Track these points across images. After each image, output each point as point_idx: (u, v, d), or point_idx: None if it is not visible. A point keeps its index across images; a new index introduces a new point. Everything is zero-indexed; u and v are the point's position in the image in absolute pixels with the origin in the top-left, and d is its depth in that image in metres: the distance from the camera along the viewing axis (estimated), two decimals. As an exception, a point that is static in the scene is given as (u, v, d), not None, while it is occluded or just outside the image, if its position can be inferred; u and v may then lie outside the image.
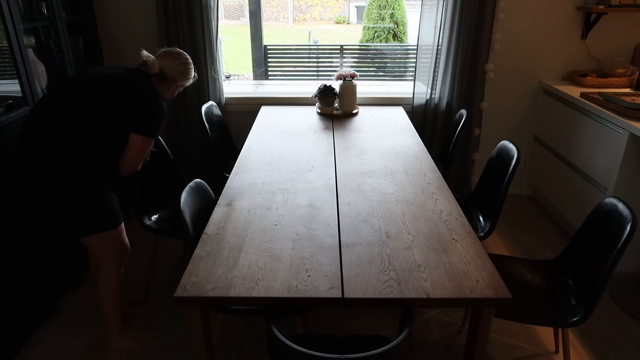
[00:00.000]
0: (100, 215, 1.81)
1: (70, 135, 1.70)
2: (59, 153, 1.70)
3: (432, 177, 2.06)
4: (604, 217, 1.66)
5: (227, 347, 2.07)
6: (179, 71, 1.94)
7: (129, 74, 1.83)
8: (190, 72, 1.99)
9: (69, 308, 2.30)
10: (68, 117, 1.71)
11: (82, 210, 1.77)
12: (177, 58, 1.95)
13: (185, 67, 1.97)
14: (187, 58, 1.98)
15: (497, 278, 1.39)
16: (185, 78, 1.98)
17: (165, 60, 1.90)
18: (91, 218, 1.80)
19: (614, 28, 3.08)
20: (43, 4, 2.39)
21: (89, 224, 1.80)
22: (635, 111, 2.32)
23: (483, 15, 2.89)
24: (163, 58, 1.91)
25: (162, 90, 1.93)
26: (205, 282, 1.37)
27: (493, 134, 3.36)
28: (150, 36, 3.06)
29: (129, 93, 1.78)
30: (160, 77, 1.91)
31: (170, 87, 1.97)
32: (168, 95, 2.00)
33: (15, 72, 2.11)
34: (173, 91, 2.01)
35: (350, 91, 2.90)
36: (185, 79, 1.98)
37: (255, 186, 1.98)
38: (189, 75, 2.00)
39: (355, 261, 1.47)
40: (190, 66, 1.99)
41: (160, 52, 1.95)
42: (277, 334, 1.19)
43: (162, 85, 1.93)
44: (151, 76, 1.88)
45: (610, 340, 2.12)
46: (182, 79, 1.97)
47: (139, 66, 1.89)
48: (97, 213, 1.80)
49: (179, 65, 1.95)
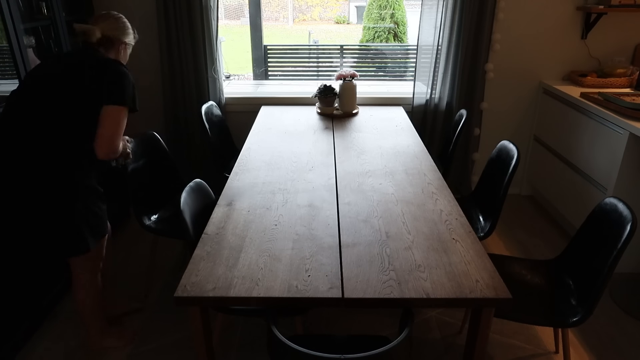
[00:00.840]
0: (86, 235, 1.76)
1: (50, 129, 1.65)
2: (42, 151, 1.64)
3: (432, 177, 2.06)
4: (604, 217, 1.66)
5: (227, 347, 2.07)
6: (117, 28, 1.86)
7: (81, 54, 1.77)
8: (127, 25, 1.92)
9: (69, 308, 2.30)
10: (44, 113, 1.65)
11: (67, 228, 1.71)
12: (108, 17, 1.87)
13: (121, 21, 1.89)
14: (117, 14, 1.91)
15: (497, 278, 1.39)
16: (126, 33, 1.90)
17: (100, 24, 1.82)
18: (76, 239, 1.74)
19: (614, 28, 3.08)
20: (43, 4, 2.40)
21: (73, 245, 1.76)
22: (635, 111, 2.32)
23: (483, 15, 2.89)
24: (96, 23, 1.82)
25: (114, 55, 1.86)
26: (205, 282, 1.37)
27: (493, 134, 3.36)
28: (150, 36, 3.06)
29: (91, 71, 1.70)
30: (105, 43, 1.82)
31: (118, 50, 1.88)
32: (123, 59, 1.93)
33: (15, 72, 2.11)
34: (124, 54, 1.93)
35: (350, 91, 2.90)
36: (126, 35, 1.90)
37: (255, 186, 1.97)
38: (128, 29, 1.92)
39: (355, 261, 1.47)
40: (124, 19, 1.92)
41: (90, 20, 1.87)
42: (277, 334, 1.19)
43: (112, 52, 1.85)
44: (97, 48, 1.81)
45: (610, 340, 2.12)
46: (123, 35, 1.88)
47: (80, 42, 1.81)
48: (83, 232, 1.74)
49: (114, 22, 1.86)
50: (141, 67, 3.16)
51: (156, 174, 2.37)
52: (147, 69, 3.16)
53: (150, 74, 3.16)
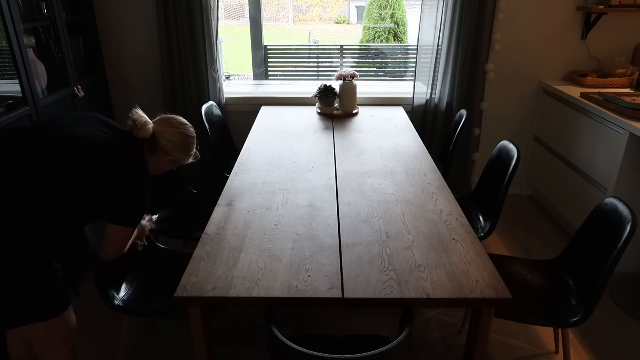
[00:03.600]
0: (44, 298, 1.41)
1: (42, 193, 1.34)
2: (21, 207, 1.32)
3: (432, 177, 2.06)
4: (604, 217, 1.66)
5: (227, 347, 2.07)
6: (176, 143, 1.57)
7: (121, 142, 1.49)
8: (191, 147, 1.63)
9: (69, 308, 2.30)
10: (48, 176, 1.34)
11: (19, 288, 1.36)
12: (179, 127, 1.58)
13: (186, 139, 1.60)
14: (190, 130, 1.63)
15: (497, 278, 1.39)
16: (182, 153, 1.61)
17: (163, 127, 1.55)
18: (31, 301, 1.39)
19: (614, 28, 3.08)
20: (43, 4, 2.40)
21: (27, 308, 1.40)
22: (635, 111, 2.32)
23: (483, 15, 2.89)
24: (160, 123, 1.56)
25: (150, 163, 1.55)
26: (205, 282, 1.37)
27: (493, 134, 3.36)
28: (150, 36, 3.06)
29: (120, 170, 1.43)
30: (150, 145, 1.54)
31: (160, 160, 1.58)
32: (157, 170, 1.61)
33: (15, 72, 2.11)
34: (163, 166, 1.62)
35: (350, 91, 2.90)
36: (182, 155, 1.61)
37: (255, 186, 1.97)
38: (189, 151, 1.63)
39: (355, 261, 1.47)
40: (193, 140, 1.64)
41: (160, 116, 1.61)
42: (277, 334, 1.19)
43: (152, 157, 1.56)
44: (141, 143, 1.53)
45: (610, 340, 2.12)
46: (178, 153, 1.59)
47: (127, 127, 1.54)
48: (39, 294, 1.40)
49: (179, 135, 1.58)
50: (141, 67, 3.16)
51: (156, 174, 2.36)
52: (147, 69, 3.16)
53: (150, 74, 3.16)
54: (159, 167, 1.61)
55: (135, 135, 1.51)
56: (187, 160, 1.66)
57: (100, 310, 2.26)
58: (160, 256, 1.99)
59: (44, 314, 1.43)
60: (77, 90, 2.63)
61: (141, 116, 1.53)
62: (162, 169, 1.63)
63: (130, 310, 1.70)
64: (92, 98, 2.87)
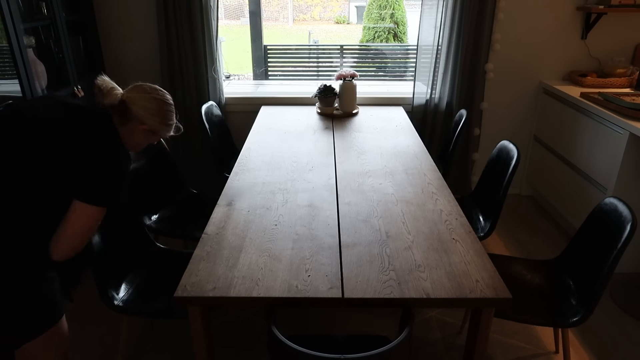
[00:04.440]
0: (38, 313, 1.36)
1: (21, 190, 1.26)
2: None
3: (432, 177, 2.06)
4: (604, 217, 1.66)
5: (227, 347, 2.07)
6: (150, 109, 1.41)
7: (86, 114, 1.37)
8: (169, 115, 1.46)
9: (69, 308, 2.30)
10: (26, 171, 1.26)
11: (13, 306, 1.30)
12: (151, 92, 1.43)
13: (162, 105, 1.44)
14: (166, 96, 1.47)
15: (497, 278, 1.39)
16: (160, 122, 1.44)
17: (133, 93, 1.41)
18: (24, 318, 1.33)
19: (614, 28, 3.07)
20: (43, 4, 2.39)
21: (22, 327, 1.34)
22: (635, 111, 2.32)
23: (483, 15, 2.89)
24: (131, 90, 1.43)
25: (124, 136, 1.42)
26: (205, 282, 1.37)
27: (493, 134, 3.36)
28: (150, 36, 3.06)
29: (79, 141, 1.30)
30: (121, 114, 1.40)
31: (135, 131, 1.42)
32: (134, 143, 1.46)
33: (15, 72, 2.11)
34: (140, 139, 1.46)
35: (350, 91, 2.90)
36: (160, 124, 1.45)
37: (255, 186, 1.97)
38: (167, 120, 1.46)
39: (355, 261, 1.47)
40: (170, 108, 1.47)
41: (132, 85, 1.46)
42: (277, 334, 1.19)
43: (125, 128, 1.41)
44: (110, 115, 1.40)
45: (610, 340, 2.12)
46: (154, 122, 1.43)
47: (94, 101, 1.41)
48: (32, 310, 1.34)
49: (152, 101, 1.42)
50: (141, 67, 3.16)
51: (156, 174, 2.37)
52: (147, 69, 3.16)
53: (150, 74, 3.16)
54: (136, 139, 1.45)
55: (103, 103, 1.38)
56: (167, 131, 1.49)
57: (100, 310, 2.26)
58: (160, 256, 1.99)
59: (43, 326, 1.38)
60: (77, 90, 2.63)
61: (106, 81, 1.41)
62: (140, 142, 1.47)
63: (130, 310, 1.69)
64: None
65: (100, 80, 1.41)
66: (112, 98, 1.40)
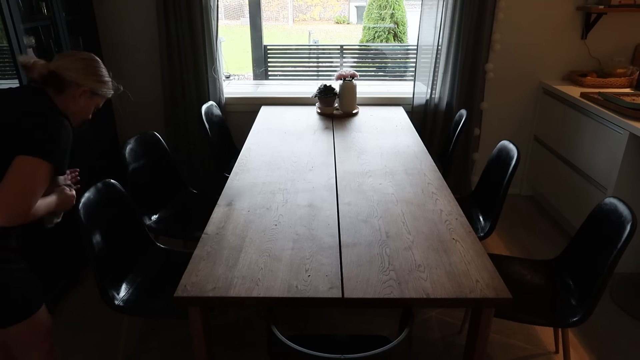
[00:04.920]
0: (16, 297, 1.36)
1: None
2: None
3: (432, 177, 2.06)
4: (604, 217, 1.66)
5: (227, 347, 2.07)
6: (80, 69, 1.42)
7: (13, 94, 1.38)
8: (99, 71, 1.47)
9: (69, 308, 2.30)
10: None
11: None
12: (74, 55, 1.45)
13: (89, 63, 1.45)
14: (90, 55, 1.48)
15: (497, 278, 1.39)
16: (94, 80, 1.45)
17: (58, 61, 1.41)
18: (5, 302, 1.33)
19: (614, 28, 3.08)
20: (43, 4, 2.39)
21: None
22: (635, 111, 2.32)
23: (483, 15, 2.89)
24: (55, 60, 1.43)
25: (67, 106, 1.42)
26: (205, 282, 1.37)
27: (493, 134, 3.36)
28: (150, 36, 3.06)
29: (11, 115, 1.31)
30: (55, 84, 1.40)
31: (75, 96, 1.42)
32: (77, 110, 1.45)
33: (15, 72, 2.11)
34: (83, 103, 1.45)
35: (350, 91, 2.90)
36: (95, 82, 1.45)
37: (255, 186, 1.97)
38: (100, 77, 1.47)
39: (355, 261, 1.47)
40: (98, 64, 1.47)
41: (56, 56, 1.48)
42: (277, 334, 1.19)
43: (63, 96, 1.41)
44: (44, 90, 1.39)
45: (610, 340, 2.12)
46: (89, 81, 1.43)
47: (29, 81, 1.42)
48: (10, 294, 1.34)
49: (79, 62, 1.43)
50: (141, 68, 3.16)
51: (156, 174, 2.37)
52: (147, 69, 3.16)
53: (150, 74, 3.16)
54: (79, 105, 1.44)
55: (33, 79, 1.38)
56: (106, 89, 1.49)
57: (100, 310, 2.26)
58: (161, 256, 1.99)
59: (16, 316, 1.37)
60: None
61: (28, 56, 1.41)
62: (85, 107, 1.47)
63: (131, 310, 1.69)
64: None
65: (22, 57, 1.41)
66: (39, 69, 1.38)
